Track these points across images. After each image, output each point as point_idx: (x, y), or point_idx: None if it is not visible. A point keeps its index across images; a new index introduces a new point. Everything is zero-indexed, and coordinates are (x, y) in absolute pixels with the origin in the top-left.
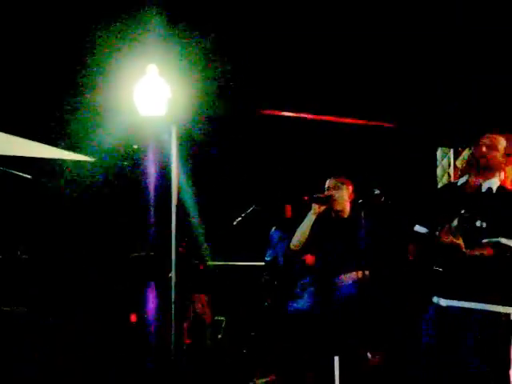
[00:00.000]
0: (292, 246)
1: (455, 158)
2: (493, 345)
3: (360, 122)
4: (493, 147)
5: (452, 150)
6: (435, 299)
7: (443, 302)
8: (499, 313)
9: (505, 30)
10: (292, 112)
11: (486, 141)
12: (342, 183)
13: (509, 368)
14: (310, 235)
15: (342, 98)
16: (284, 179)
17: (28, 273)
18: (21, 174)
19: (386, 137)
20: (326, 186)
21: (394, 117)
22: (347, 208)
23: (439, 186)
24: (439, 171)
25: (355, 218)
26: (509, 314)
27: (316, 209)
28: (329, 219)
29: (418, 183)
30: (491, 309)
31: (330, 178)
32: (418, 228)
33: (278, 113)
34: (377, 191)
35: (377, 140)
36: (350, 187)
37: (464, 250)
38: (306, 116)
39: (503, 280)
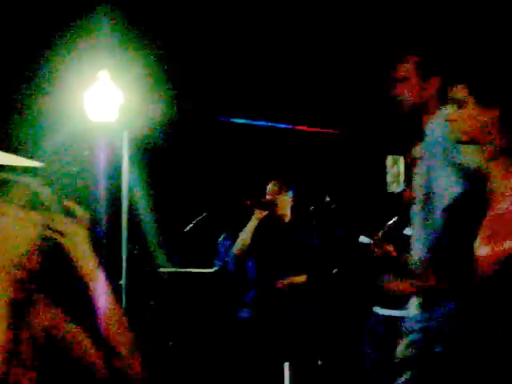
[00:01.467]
0: (235, 252)
1: (405, 166)
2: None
3: (311, 129)
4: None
5: (402, 158)
6: (375, 309)
7: (380, 311)
8: None
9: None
10: (244, 119)
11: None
12: (284, 188)
13: None
14: (252, 240)
15: (292, 105)
16: (235, 185)
17: None
18: None
19: (337, 144)
20: (268, 190)
21: (344, 124)
22: (288, 213)
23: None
24: (389, 178)
25: (296, 223)
26: None
27: (258, 214)
28: (270, 224)
29: (368, 191)
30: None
31: (271, 182)
32: (361, 239)
33: (230, 119)
34: (327, 198)
35: (328, 147)
36: (291, 192)
37: (395, 255)
38: (257, 123)
39: None
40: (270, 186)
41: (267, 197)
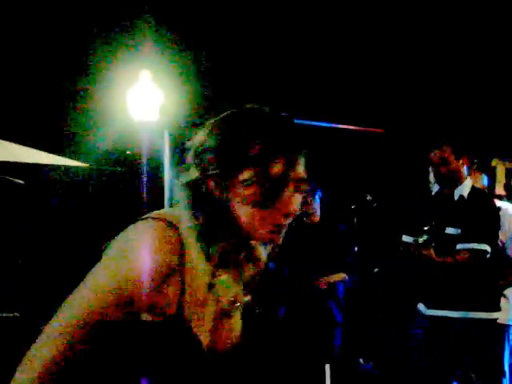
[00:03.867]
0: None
1: None
2: (485, 352)
3: (353, 127)
4: (443, 161)
5: None
6: (420, 307)
7: (426, 311)
8: (484, 319)
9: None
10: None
11: (434, 158)
12: (315, 188)
13: (503, 373)
14: (286, 241)
15: (333, 104)
16: None
17: (21, 277)
18: (14, 179)
19: (379, 143)
20: None
21: (388, 123)
22: (318, 213)
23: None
24: (431, 178)
25: (326, 224)
26: (495, 320)
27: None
28: (303, 225)
29: (411, 189)
30: (474, 316)
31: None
32: (404, 238)
33: None
34: (369, 197)
35: (370, 146)
36: (320, 193)
37: (436, 259)
38: (298, 122)
39: (481, 285)
40: None
41: None
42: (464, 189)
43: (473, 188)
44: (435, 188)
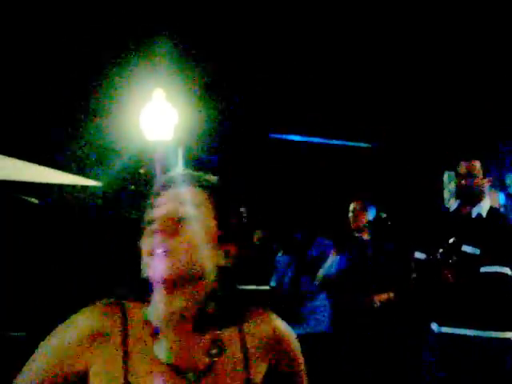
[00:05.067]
0: (318, 282)
1: None
2: (501, 372)
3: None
4: (470, 174)
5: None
6: (433, 326)
7: (439, 329)
8: (499, 338)
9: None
10: (300, 135)
11: (461, 170)
12: (366, 205)
13: None
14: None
15: (351, 121)
16: (292, 203)
17: (30, 296)
18: (28, 198)
19: (395, 160)
20: (352, 208)
21: (402, 140)
22: (367, 230)
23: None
24: (446, 194)
25: (375, 240)
26: (508, 339)
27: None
28: (351, 243)
29: (425, 206)
30: (489, 335)
31: (354, 201)
32: (417, 254)
33: (283, 136)
34: (384, 215)
35: (384, 162)
36: (374, 210)
37: (452, 281)
38: (313, 140)
39: (498, 305)
40: (354, 204)
41: (350, 213)
42: (483, 207)
43: (491, 208)
44: (453, 205)
